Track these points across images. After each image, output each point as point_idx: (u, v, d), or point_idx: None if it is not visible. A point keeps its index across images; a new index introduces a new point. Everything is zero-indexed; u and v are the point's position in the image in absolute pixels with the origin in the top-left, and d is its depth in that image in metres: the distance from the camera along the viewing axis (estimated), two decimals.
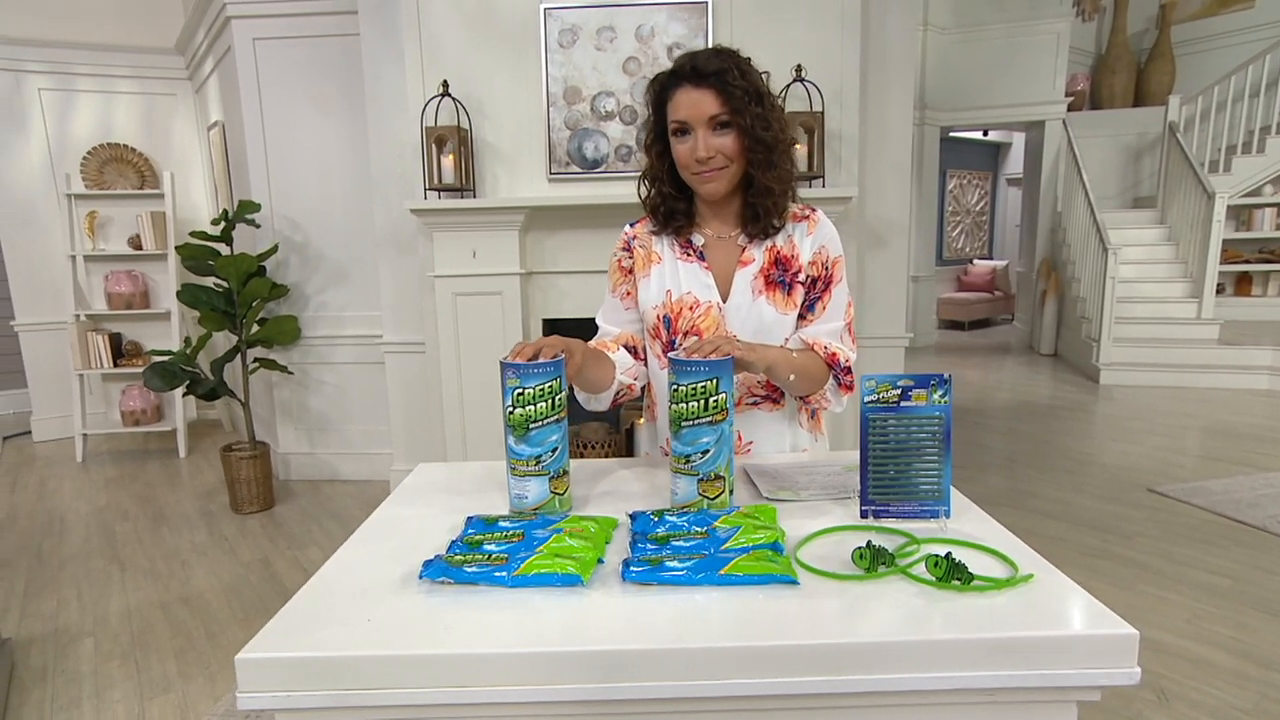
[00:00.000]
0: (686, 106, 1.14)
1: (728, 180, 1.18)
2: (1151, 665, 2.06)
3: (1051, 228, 7.23)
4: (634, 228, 1.33)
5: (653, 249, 1.29)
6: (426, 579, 0.78)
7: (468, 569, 0.78)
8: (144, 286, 4.48)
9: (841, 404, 1.26)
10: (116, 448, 4.58)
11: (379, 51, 3.16)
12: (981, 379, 6.13)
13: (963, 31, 7.07)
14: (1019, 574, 0.77)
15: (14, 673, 2.18)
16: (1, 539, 3.19)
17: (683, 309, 1.24)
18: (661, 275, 1.26)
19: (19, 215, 4.53)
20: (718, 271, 1.25)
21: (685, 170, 1.19)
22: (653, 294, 1.26)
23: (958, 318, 8.79)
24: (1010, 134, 9.38)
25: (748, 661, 0.66)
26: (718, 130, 1.15)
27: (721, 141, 1.15)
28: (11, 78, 4.44)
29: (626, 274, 1.31)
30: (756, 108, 1.14)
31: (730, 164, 1.17)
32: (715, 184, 1.18)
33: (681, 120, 1.15)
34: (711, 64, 1.13)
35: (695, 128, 1.14)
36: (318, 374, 3.78)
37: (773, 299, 1.23)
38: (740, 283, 1.23)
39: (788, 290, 1.23)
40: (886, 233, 3.18)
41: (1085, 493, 3.42)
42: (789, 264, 1.23)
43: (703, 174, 1.17)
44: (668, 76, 1.17)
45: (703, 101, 1.13)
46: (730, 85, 1.12)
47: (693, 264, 1.25)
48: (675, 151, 1.19)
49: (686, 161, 1.17)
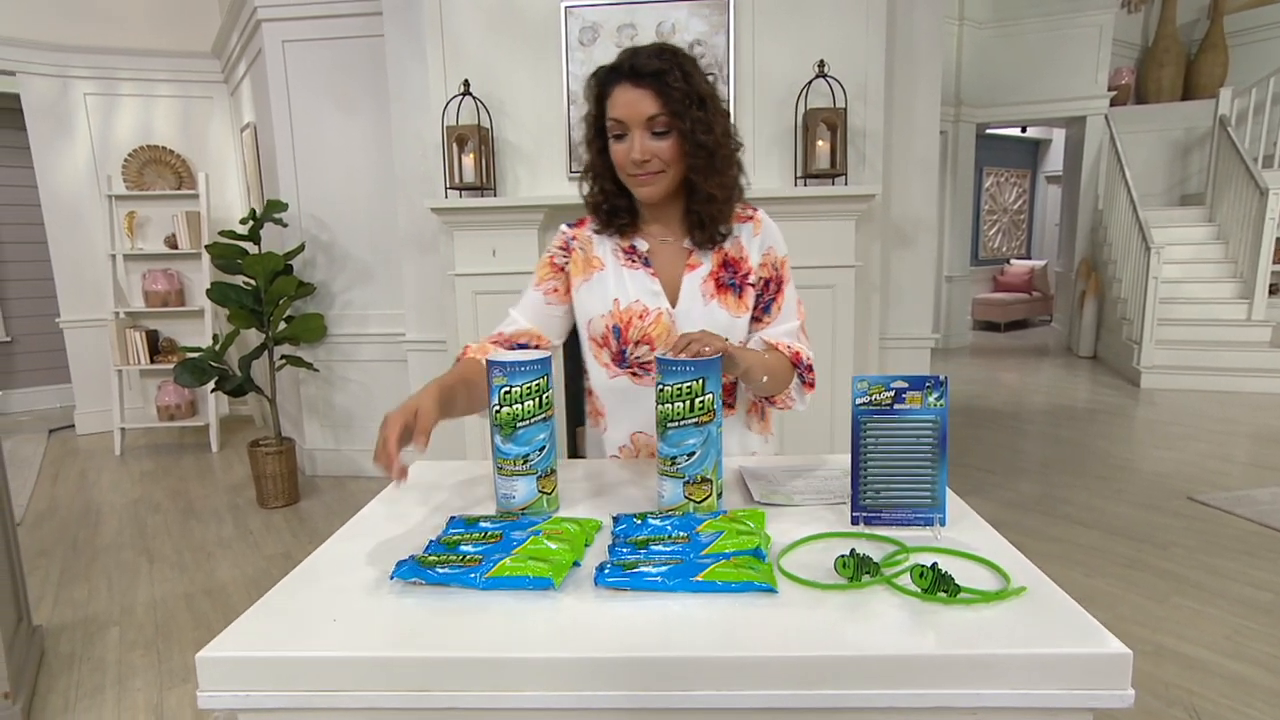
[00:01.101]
0: (624, 106, 1.10)
1: (664, 185, 1.15)
2: (1185, 682, 1.97)
3: (1092, 226, 7.02)
4: (573, 229, 1.28)
5: (594, 253, 1.25)
6: (398, 579, 0.77)
7: (439, 570, 0.76)
8: (179, 285, 4.60)
9: (805, 403, 1.24)
10: (153, 441, 4.71)
11: (402, 51, 3.19)
12: (1017, 381, 5.97)
13: (1000, 25, 6.90)
14: (1010, 587, 0.73)
15: (44, 659, 2.25)
16: (41, 529, 3.30)
17: (632, 318, 1.20)
18: (605, 283, 1.22)
19: (65, 216, 4.69)
20: (664, 277, 1.22)
21: (621, 171, 1.15)
22: (597, 302, 1.22)
23: (993, 319, 8.58)
24: (1050, 131, 9.14)
25: (714, 672, 0.64)
26: (655, 133, 1.10)
27: (658, 145, 1.11)
28: (60, 83, 4.59)
29: (559, 271, 1.26)
30: (698, 111, 1.10)
31: (667, 169, 1.13)
32: (651, 188, 1.14)
33: (618, 119, 1.11)
34: (652, 64, 1.08)
35: (632, 129, 1.10)
36: (343, 371, 3.83)
37: (725, 302, 1.20)
38: (689, 287, 1.20)
39: (739, 293, 1.20)
40: (912, 231, 3.11)
41: (1121, 500, 3.30)
42: (738, 266, 1.21)
43: (638, 177, 1.13)
44: (607, 72, 1.12)
45: (640, 102, 1.09)
46: (670, 87, 1.08)
47: (638, 270, 1.21)
48: (612, 152, 1.14)
49: (623, 163, 1.13)
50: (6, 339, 5.64)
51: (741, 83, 2.87)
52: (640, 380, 1.23)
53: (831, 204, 2.80)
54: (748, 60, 2.86)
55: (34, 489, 3.85)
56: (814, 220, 2.82)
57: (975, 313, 8.69)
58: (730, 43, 2.86)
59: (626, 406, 1.25)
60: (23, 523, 3.36)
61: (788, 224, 2.79)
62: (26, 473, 4.12)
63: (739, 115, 2.89)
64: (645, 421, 1.24)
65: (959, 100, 6.91)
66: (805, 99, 2.79)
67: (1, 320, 5.60)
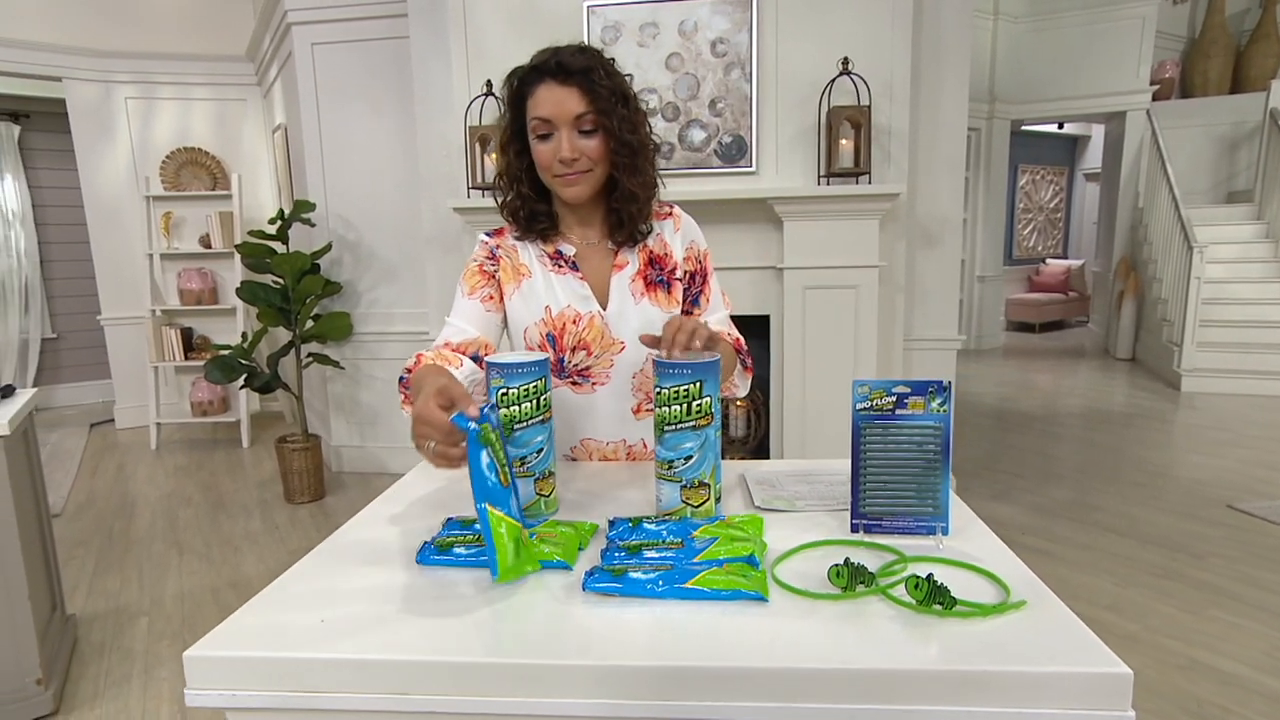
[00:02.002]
0: (550, 104, 1.07)
1: (592, 184, 1.13)
2: (1220, 699, 1.90)
3: (1132, 225, 6.82)
4: (493, 238, 1.25)
5: (520, 261, 1.22)
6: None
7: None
8: (213, 283, 4.71)
9: (746, 387, 1.26)
10: (187, 436, 4.83)
11: (427, 53, 3.22)
12: (1051, 384, 5.83)
13: (1037, 20, 6.73)
14: (1010, 600, 0.70)
15: (76, 647, 2.32)
16: (80, 520, 3.40)
17: (565, 324, 1.18)
18: (535, 290, 1.20)
19: (106, 216, 4.83)
20: (592, 280, 1.20)
21: (546, 172, 1.12)
22: (530, 311, 1.20)
23: (1028, 319, 8.39)
24: (1089, 127, 8.90)
25: (695, 683, 0.62)
26: (582, 131, 1.09)
27: (587, 143, 1.09)
28: (103, 88, 4.73)
29: (489, 278, 1.22)
30: (623, 109, 1.09)
31: (595, 167, 1.11)
32: (579, 188, 1.12)
33: (544, 117, 1.08)
34: (577, 61, 1.07)
35: (559, 127, 1.08)
36: (368, 369, 3.88)
37: (655, 299, 1.19)
38: (618, 288, 1.19)
39: (668, 288, 1.21)
40: (938, 230, 3.05)
41: (1157, 507, 3.20)
42: (663, 262, 1.21)
43: (566, 176, 1.11)
44: (528, 71, 1.10)
45: (567, 100, 1.07)
46: (597, 84, 1.07)
47: (566, 275, 1.20)
48: (536, 152, 1.11)
49: (548, 163, 1.10)
50: (53, 335, 5.83)
51: (764, 80, 2.84)
52: (580, 389, 1.21)
53: (855, 203, 2.76)
54: (770, 57, 2.83)
55: (74, 481, 3.97)
56: (837, 220, 2.78)
57: (1009, 313, 8.50)
58: (753, 40, 2.84)
59: (570, 414, 1.23)
60: (62, 514, 3.47)
61: (810, 224, 2.79)
62: (68, 465, 4.25)
63: (761, 113, 2.87)
64: (593, 428, 1.23)
65: (993, 97, 6.76)
66: (829, 97, 2.75)
67: (48, 317, 5.79)
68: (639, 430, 1.25)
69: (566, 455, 1.27)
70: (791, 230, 2.83)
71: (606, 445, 1.24)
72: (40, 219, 5.63)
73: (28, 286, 5.57)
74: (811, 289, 2.84)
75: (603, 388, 1.22)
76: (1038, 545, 2.85)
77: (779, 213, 2.80)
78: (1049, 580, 2.48)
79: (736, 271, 2.91)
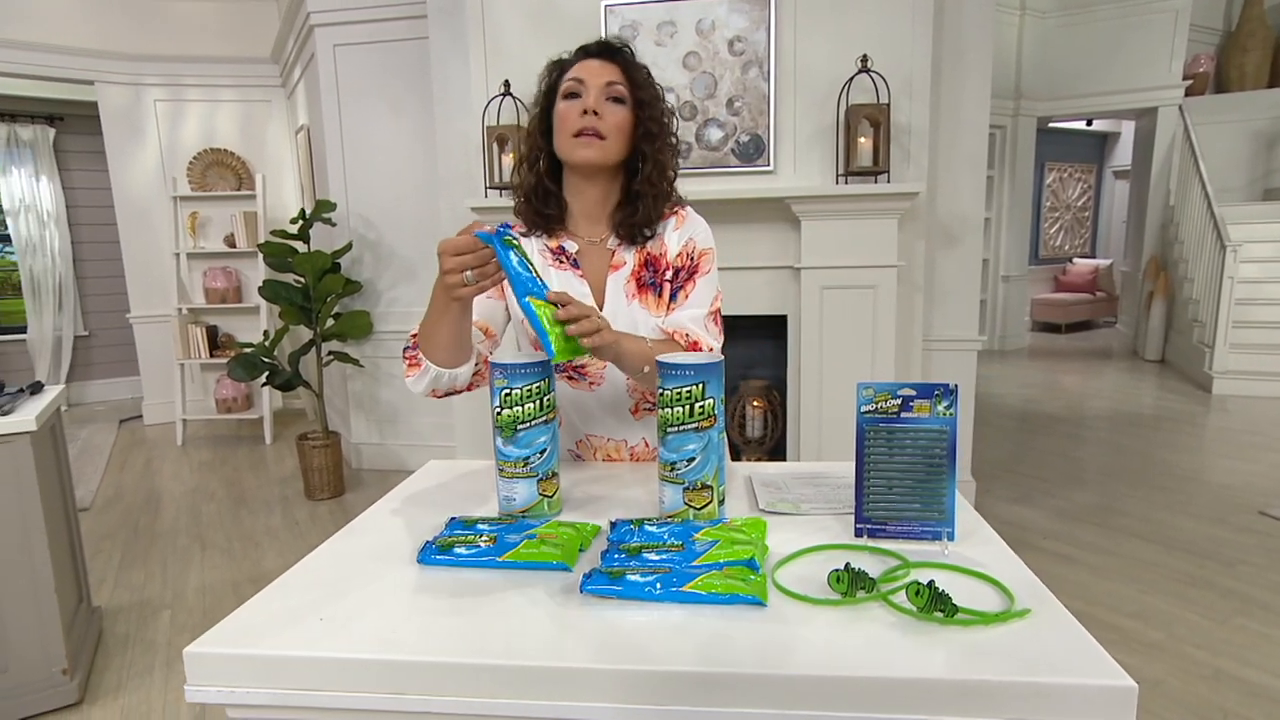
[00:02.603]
0: (586, 70, 1.12)
1: (604, 154, 1.11)
2: (1246, 710, 1.85)
3: (1162, 223, 6.67)
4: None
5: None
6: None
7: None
8: (237, 282, 4.79)
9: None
10: (212, 433, 4.92)
11: (446, 53, 3.24)
12: (1078, 385, 5.72)
13: (1065, 15, 6.61)
14: (1014, 608, 0.69)
15: (101, 638, 2.37)
16: (108, 514, 3.48)
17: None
18: None
19: (135, 216, 4.93)
20: (591, 279, 1.19)
21: (564, 133, 1.11)
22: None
23: (1054, 320, 8.25)
24: (1119, 123, 8.73)
25: (688, 687, 0.62)
26: (611, 99, 1.12)
27: (612, 111, 1.11)
28: (133, 91, 4.83)
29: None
30: (654, 98, 1.14)
31: (611, 137, 1.11)
32: (592, 151, 1.10)
33: (578, 78, 1.11)
34: (620, 44, 1.15)
35: (590, 88, 1.11)
36: (388, 367, 3.92)
37: (645, 302, 1.18)
38: (613, 288, 1.18)
39: (659, 292, 1.18)
40: (959, 230, 3.00)
41: (1185, 513, 3.12)
42: (658, 264, 1.19)
43: (583, 134, 1.10)
44: (572, 53, 1.16)
45: (604, 70, 1.12)
46: (634, 66, 1.13)
47: (566, 271, 1.19)
48: (560, 115, 1.12)
49: (570, 120, 1.10)
50: (84, 333, 5.96)
51: (782, 79, 2.82)
52: (577, 385, 1.22)
53: (873, 202, 2.73)
54: (788, 56, 2.81)
55: (103, 476, 4.06)
56: (855, 219, 2.75)
57: (1034, 314, 8.37)
58: (771, 38, 2.82)
59: (569, 410, 1.24)
60: (91, 508, 3.55)
61: (827, 223, 2.77)
62: (98, 460, 4.34)
63: (780, 111, 2.85)
64: (591, 423, 1.24)
65: (1018, 94, 6.66)
66: (847, 95, 2.72)
67: (80, 315, 5.92)
68: (639, 430, 1.24)
69: (571, 450, 1.28)
70: (809, 230, 2.80)
71: (608, 443, 1.25)
72: (73, 219, 5.77)
73: (61, 285, 5.70)
74: (829, 289, 2.82)
75: (599, 388, 1.22)
76: (1059, 550, 2.80)
77: (796, 212, 2.78)
78: (1070, 586, 2.42)
79: (753, 271, 2.90)
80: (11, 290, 5.82)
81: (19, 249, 5.54)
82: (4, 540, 1.87)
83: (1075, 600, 2.40)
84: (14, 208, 5.47)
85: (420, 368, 1.09)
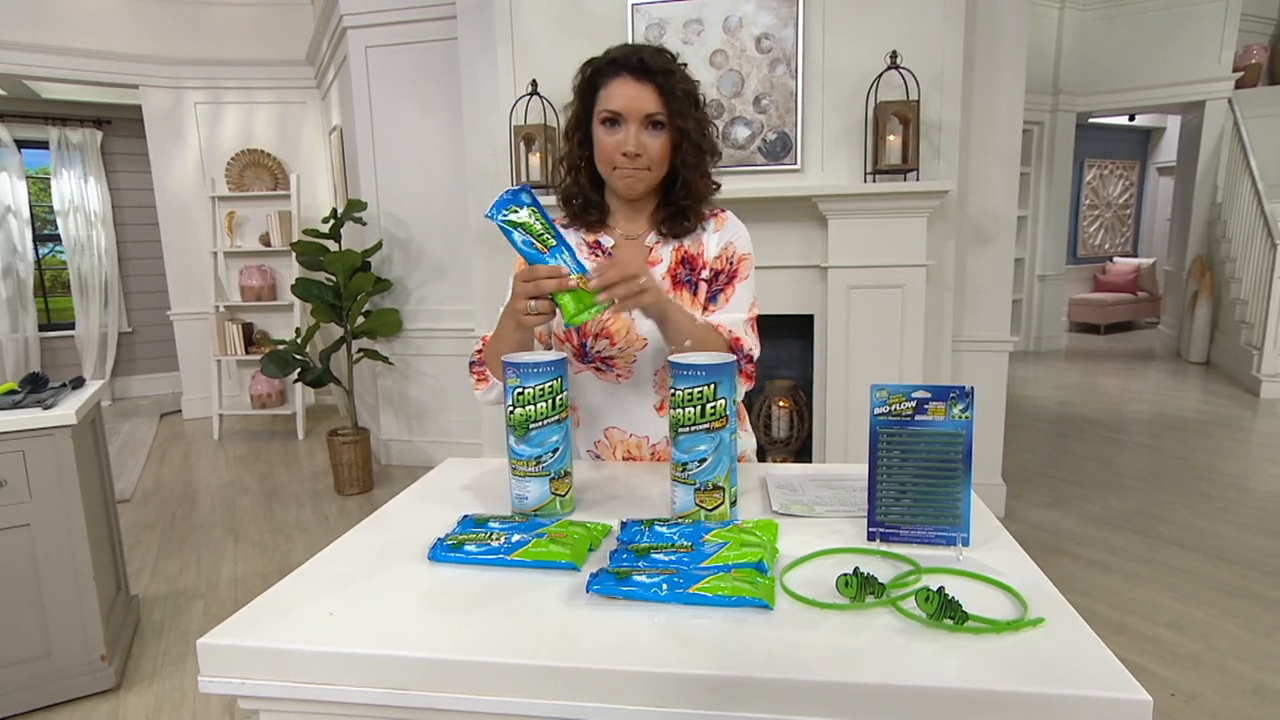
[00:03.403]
0: (624, 99, 1.10)
1: (646, 183, 1.15)
2: None
3: (1208, 221, 6.46)
4: None
5: None
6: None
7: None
8: (272, 280, 4.89)
9: (741, 393, 1.19)
10: (247, 428, 5.03)
11: (475, 53, 3.27)
12: (1117, 388, 5.57)
13: (1108, 6, 6.43)
14: (1027, 616, 0.67)
15: (139, 626, 2.44)
16: (147, 506, 3.58)
17: None
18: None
19: (176, 216, 5.07)
20: None
21: (606, 164, 1.14)
22: None
23: (1093, 320, 8.04)
24: (1164, 118, 8.47)
25: (688, 690, 0.61)
26: (651, 129, 1.11)
27: (652, 142, 1.11)
28: (174, 95, 4.96)
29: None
30: (695, 112, 1.13)
31: (654, 167, 1.13)
32: (635, 182, 1.14)
33: (616, 111, 1.10)
34: (658, 61, 1.10)
35: (629, 122, 1.10)
36: (417, 365, 3.97)
37: (680, 299, 1.18)
38: None
39: (694, 290, 1.19)
40: (991, 228, 2.94)
41: (1227, 520, 3.02)
42: (694, 263, 1.19)
43: (624, 170, 1.12)
44: (606, 63, 1.12)
45: (642, 97, 1.09)
46: (673, 87, 1.10)
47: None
48: (600, 142, 1.13)
49: (611, 154, 1.12)
50: (129, 329, 6.14)
51: (810, 76, 2.79)
52: (604, 375, 1.23)
53: (902, 200, 2.69)
54: (817, 52, 2.78)
55: (144, 469, 4.18)
56: (883, 218, 2.71)
57: (1071, 314, 8.16)
58: (799, 35, 2.79)
59: (595, 400, 1.26)
60: (132, 500, 3.66)
61: (855, 221, 2.73)
62: (139, 454, 4.47)
63: (807, 108, 2.82)
64: (617, 416, 1.24)
65: (1057, 89, 6.50)
66: (876, 92, 2.68)
67: (125, 312, 6.11)
68: (662, 427, 1.24)
69: (590, 450, 1.28)
70: (836, 228, 2.77)
71: (630, 438, 1.25)
72: (119, 219, 5.95)
73: (107, 283, 5.89)
74: (856, 288, 2.78)
75: (626, 381, 1.23)
76: (1093, 556, 2.72)
77: (823, 210, 2.75)
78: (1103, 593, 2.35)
79: (779, 270, 2.87)
80: (61, 288, 6.02)
81: (68, 248, 5.73)
82: (45, 530, 1.94)
83: (1109, 609, 2.33)
84: (64, 208, 5.66)
85: (488, 383, 1.15)
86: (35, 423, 1.88)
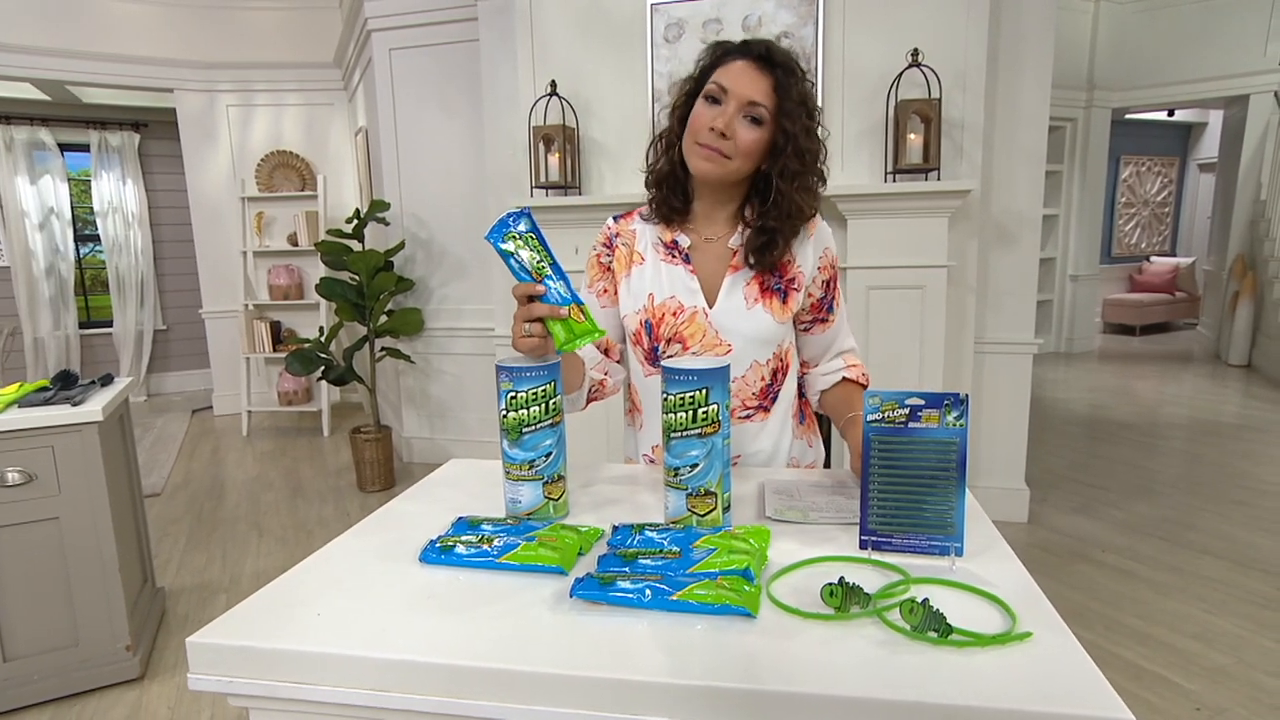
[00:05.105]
0: (736, 77, 1.05)
1: (725, 170, 1.09)
2: None
3: (1251, 219, 6.26)
4: (618, 223, 1.25)
5: (635, 248, 1.21)
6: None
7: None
8: (299, 279, 4.98)
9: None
10: (275, 424, 5.13)
11: (496, 54, 3.29)
12: (1152, 391, 5.43)
13: None
14: (1014, 630, 0.66)
15: (164, 618, 2.50)
16: (176, 499, 3.67)
17: (665, 314, 1.16)
18: (643, 277, 1.19)
19: (208, 216, 5.19)
20: (703, 275, 1.17)
21: (693, 135, 1.09)
22: (634, 297, 1.19)
23: (1128, 321, 7.84)
24: (1205, 113, 8.22)
25: (661, 697, 0.61)
26: (749, 123, 1.06)
27: (745, 133, 1.06)
28: (207, 98, 5.07)
29: (605, 270, 1.24)
30: (805, 119, 1.07)
31: (736, 158, 1.07)
32: (710, 165, 1.08)
33: (724, 85, 1.06)
34: (782, 56, 1.06)
35: (730, 101, 1.05)
36: (439, 363, 4.02)
37: (770, 306, 1.15)
38: (730, 288, 1.15)
39: (784, 298, 1.15)
40: (1016, 228, 2.88)
41: (1262, 529, 2.93)
42: (784, 270, 1.16)
43: (706, 148, 1.07)
44: (734, 46, 1.09)
45: (754, 83, 1.05)
46: (789, 86, 1.05)
47: (677, 266, 1.17)
48: (696, 114, 1.09)
49: (700, 126, 1.07)
50: (163, 327, 6.31)
51: (830, 75, 2.76)
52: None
53: (923, 200, 2.65)
54: (837, 51, 2.74)
55: (174, 464, 4.29)
56: (903, 218, 2.68)
57: (1105, 315, 7.98)
58: (819, 33, 2.76)
59: (655, 410, 1.22)
60: (162, 493, 3.75)
61: (875, 222, 2.69)
62: (170, 448, 4.59)
63: (827, 108, 2.79)
64: None
65: (1091, 84, 6.35)
66: (897, 90, 2.65)
67: (160, 310, 6.27)
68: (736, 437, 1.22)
69: (646, 455, 1.26)
70: (856, 228, 2.74)
71: None
72: (154, 220, 6.10)
73: (143, 282, 6.05)
74: (875, 289, 2.75)
75: None
76: (1119, 564, 2.66)
77: (843, 210, 2.72)
78: (1128, 603, 2.30)
79: None
80: (100, 287, 6.20)
81: (107, 248, 5.90)
82: (73, 523, 2.00)
83: (1134, 618, 2.27)
84: (103, 209, 5.82)
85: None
86: (64, 419, 1.94)
